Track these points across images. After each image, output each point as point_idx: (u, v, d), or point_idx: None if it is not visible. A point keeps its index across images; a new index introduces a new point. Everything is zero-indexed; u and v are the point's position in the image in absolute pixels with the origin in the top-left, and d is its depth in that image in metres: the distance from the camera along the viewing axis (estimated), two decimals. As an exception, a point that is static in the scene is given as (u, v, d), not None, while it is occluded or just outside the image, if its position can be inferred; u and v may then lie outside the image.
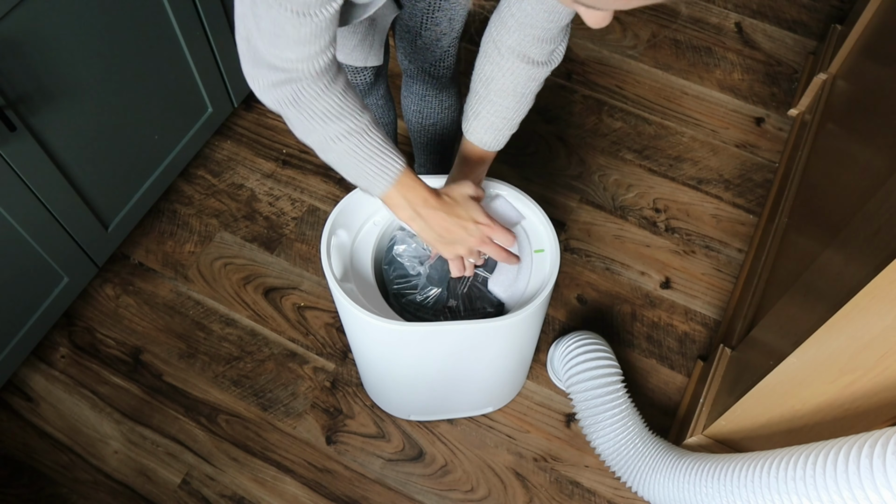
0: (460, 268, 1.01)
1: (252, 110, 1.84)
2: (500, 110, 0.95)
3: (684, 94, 1.91)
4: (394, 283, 1.10)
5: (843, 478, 0.76)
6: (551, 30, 0.87)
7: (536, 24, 0.85)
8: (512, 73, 0.90)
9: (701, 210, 1.72)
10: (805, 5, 2.10)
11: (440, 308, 1.09)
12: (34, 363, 1.48)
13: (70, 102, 1.26)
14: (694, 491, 1.04)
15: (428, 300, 1.09)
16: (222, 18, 1.52)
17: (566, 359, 1.34)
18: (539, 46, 0.88)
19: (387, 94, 1.31)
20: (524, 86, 0.92)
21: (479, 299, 1.10)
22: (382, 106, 1.31)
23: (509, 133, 0.99)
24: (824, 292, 0.94)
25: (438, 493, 1.37)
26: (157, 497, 1.36)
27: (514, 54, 0.88)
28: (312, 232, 1.66)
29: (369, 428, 1.43)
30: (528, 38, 0.87)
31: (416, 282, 1.09)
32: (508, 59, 0.89)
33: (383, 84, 1.28)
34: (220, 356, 1.50)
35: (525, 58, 0.89)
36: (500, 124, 0.97)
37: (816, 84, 1.77)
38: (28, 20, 1.11)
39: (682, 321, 1.56)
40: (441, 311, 1.09)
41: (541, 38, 0.87)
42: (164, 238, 1.64)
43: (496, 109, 0.95)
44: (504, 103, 0.94)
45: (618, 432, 1.24)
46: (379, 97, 1.29)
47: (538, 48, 0.88)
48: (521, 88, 0.93)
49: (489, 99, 0.94)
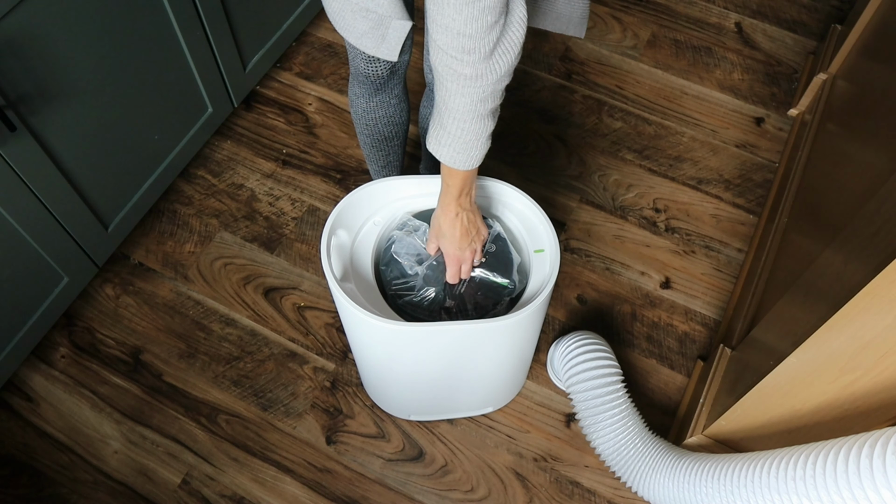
0: (457, 274, 1.05)
1: (252, 110, 1.84)
2: (461, 134, 0.91)
3: (684, 94, 1.91)
4: (392, 283, 1.10)
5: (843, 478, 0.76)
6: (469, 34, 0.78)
7: (451, 28, 0.78)
8: (460, 95, 0.85)
9: (701, 210, 1.72)
10: (805, 5, 2.10)
11: (437, 308, 1.09)
12: (34, 363, 1.48)
13: (70, 102, 1.26)
14: (694, 491, 1.04)
15: (425, 301, 1.09)
16: (222, 18, 1.52)
17: (566, 359, 1.34)
18: (466, 58, 0.81)
19: (401, 95, 1.30)
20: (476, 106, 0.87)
21: (476, 300, 1.10)
22: (395, 105, 1.30)
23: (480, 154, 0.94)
24: (824, 292, 0.94)
25: (438, 493, 1.37)
26: (157, 497, 1.36)
27: (452, 74, 0.83)
28: (312, 232, 1.66)
29: (369, 428, 1.43)
30: (453, 51, 0.80)
31: (414, 283, 1.09)
32: (449, 81, 0.84)
33: (399, 84, 1.27)
34: (220, 356, 1.50)
35: (460, 75, 0.83)
36: (464, 146, 0.93)
37: (816, 84, 1.77)
38: (28, 20, 1.11)
39: (682, 321, 1.56)
40: (438, 312, 1.09)
41: (465, 49, 0.80)
42: (164, 238, 1.64)
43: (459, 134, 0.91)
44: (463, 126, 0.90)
45: (618, 432, 1.24)
46: (392, 96, 1.27)
47: (466, 60, 0.81)
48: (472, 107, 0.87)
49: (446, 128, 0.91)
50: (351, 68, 1.23)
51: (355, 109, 1.31)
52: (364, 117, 1.31)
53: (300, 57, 1.93)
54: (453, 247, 1.05)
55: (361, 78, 1.22)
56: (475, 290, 1.10)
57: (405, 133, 1.41)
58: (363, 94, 1.26)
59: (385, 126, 1.32)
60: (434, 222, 1.06)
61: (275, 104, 1.86)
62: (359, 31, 1.06)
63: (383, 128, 1.33)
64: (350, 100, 1.31)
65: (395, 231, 1.13)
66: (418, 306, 1.09)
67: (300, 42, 1.96)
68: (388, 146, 1.39)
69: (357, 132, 1.37)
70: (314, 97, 1.87)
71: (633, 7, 2.08)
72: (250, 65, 1.72)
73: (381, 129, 1.33)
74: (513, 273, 1.10)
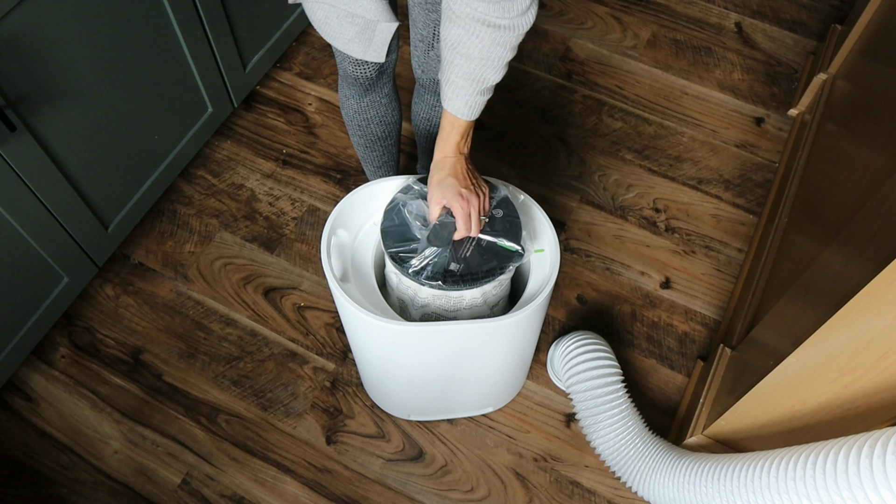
0: (468, 222, 1.00)
1: (252, 110, 1.84)
2: (467, 73, 0.92)
3: (684, 94, 1.91)
4: (392, 246, 1.03)
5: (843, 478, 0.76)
6: None
7: None
8: (476, 37, 0.88)
9: (701, 210, 1.72)
10: (805, 5, 2.10)
11: (440, 272, 1.02)
12: (34, 363, 1.48)
13: (70, 102, 1.26)
14: (694, 491, 1.04)
15: (427, 265, 1.02)
16: (222, 18, 1.52)
17: (566, 359, 1.34)
18: (497, 6, 0.84)
19: (391, 94, 1.31)
20: (489, 50, 0.89)
21: (482, 263, 1.03)
22: (386, 105, 1.31)
23: (481, 98, 0.96)
24: (824, 292, 0.94)
25: (438, 493, 1.37)
26: (157, 497, 1.36)
27: (473, 18, 0.86)
28: (312, 232, 1.66)
29: (369, 428, 1.43)
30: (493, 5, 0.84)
31: (416, 246, 1.03)
32: (468, 23, 0.87)
33: (388, 83, 1.27)
34: (220, 356, 1.50)
35: (485, 21, 0.86)
36: (469, 88, 0.94)
37: (816, 84, 1.77)
38: (28, 20, 1.11)
39: (682, 321, 1.56)
40: (442, 276, 1.02)
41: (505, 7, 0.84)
42: (164, 238, 1.64)
43: (463, 73, 0.92)
44: (470, 66, 0.91)
45: (618, 432, 1.24)
46: (383, 95, 1.28)
47: (496, 9, 0.84)
48: (487, 53, 0.89)
49: (455, 63, 0.92)
50: (339, 71, 1.23)
51: (346, 111, 1.31)
52: (356, 118, 1.31)
53: (300, 57, 1.93)
54: (457, 189, 1.00)
55: (350, 80, 1.22)
56: (482, 254, 1.03)
57: (398, 132, 1.41)
58: (353, 95, 1.26)
59: (377, 126, 1.33)
60: (434, 172, 1.02)
61: (275, 104, 1.86)
62: (346, 36, 1.06)
63: (376, 128, 1.33)
64: (341, 102, 1.31)
65: (397, 194, 1.08)
66: (420, 269, 1.01)
67: (300, 42, 1.96)
68: (381, 146, 1.39)
69: (350, 134, 1.37)
70: (314, 97, 1.87)
71: (633, 7, 2.08)
72: (250, 65, 1.72)
73: (373, 130, 1.33)
74: (521, 238, 1.05)
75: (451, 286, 1.01)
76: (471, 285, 1.01)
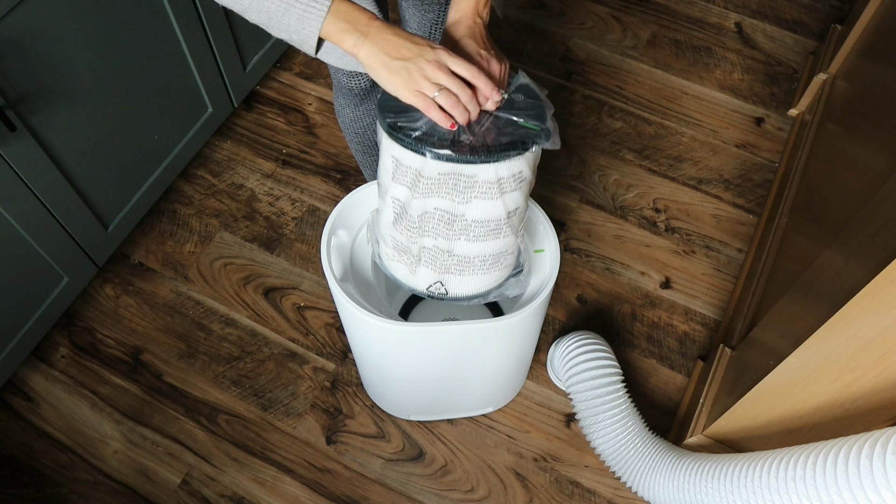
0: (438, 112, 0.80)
1: (252, 110, 1.84)
2: None
3: (684, 94, 1.91)
4: (389, 117, 0.86)
5: (843, 478, 0.76)
6: None
7: None
8: None
9: (701, 210, 1.72)
10: (805, 5, 2.10)
11: (448, 140, 0.85)
12: (34, 363, 1.48)
13: (70, 102, 1.26)
14: (694, 491, 1.04)
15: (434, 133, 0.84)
16: (222, 18, 1.52)
17: (566, 359, 1.34)
18: None
19: None
20: None
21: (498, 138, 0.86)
22: None
23: None
24: (824, 292, 0.94)
25: (438, 493, 1.37)
26: (157, 497, 1.36)
27: None
28: (312, 232, 1.66)
29: (369, 428, 1.43)
30: None
31: (419, 115, 0.85)
32: None
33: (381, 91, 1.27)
34: (220, 356, 1.50)
35: None
36: None
37: (816, 84, 1.77)
38: (28, 20, 1.11)
39: (682, 321, 1.56)
40: (447, 143, 0.84)
41: None
42: (164, 238, 1.64)
43: None
44: None
45: (618, 432, 1.24)
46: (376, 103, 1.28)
47: None
48: None
49: None
50: (333, 81, 1.23)
51: (343, 120, 1.30)
52: (352, 126, 1.30)
53: (300, 57, 1.93)
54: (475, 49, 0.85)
55: (345, 90, 1.21)
56: (499, 130, 0.86)
57: None
58: (348, 104, 1.25)
59: (375, 133, 1.32)
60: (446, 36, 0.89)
61: (275, 104, 1.86)
62: (337, 53, 1.05)
63: (373, 134, 1.32)
64: (336, 111, 1.30)
65: None
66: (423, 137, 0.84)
67: (300, 42, 1.96)
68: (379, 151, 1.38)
69: (347, 140, 1.37)
70: (314, 97, 1.87)
71: (633, 7, 2.08)
72: (250, 65, 1.72)
73: (370, 136, 1.33)
74: (547, 121, 0.89)
75: (461, 156, 0.83)
76: (486, 158, 0.83)
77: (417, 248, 0.94)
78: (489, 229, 0.91)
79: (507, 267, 1.01)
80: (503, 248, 0.96)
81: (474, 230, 0.91)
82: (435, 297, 1.00)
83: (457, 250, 0.93)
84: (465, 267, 0.96)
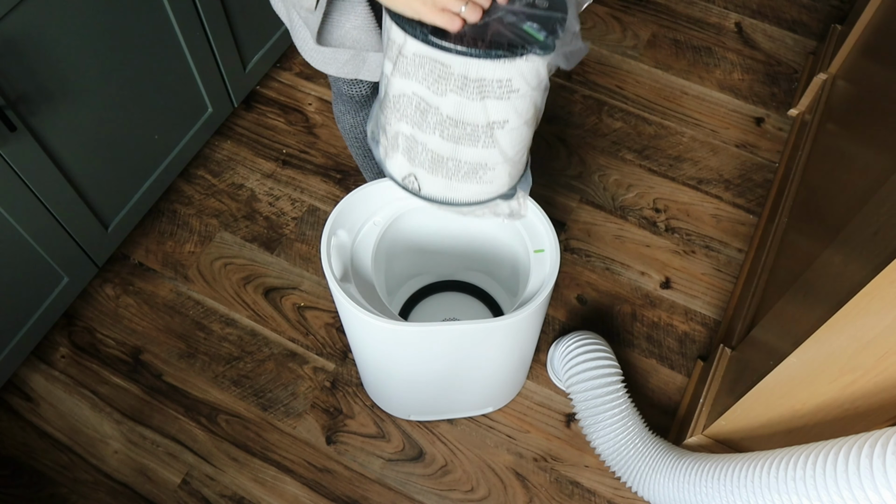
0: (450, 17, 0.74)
1: (252, 110, 1.84)
2: None
3: (684, 94, 1.91)
4: None
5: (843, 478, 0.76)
6: None
7: None
8: None
9: (701, 210, 1.72)
10: (805, 5, 2.10)
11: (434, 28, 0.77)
12: (34, 363, 1.48)
13: (70, 102, 1.26)
14: (694, 491, 1.04)
15: None
16: (222, 18, 1.52)
17: (566, 359, 1.34)
18: None
19: None
20: None
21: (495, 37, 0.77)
22: None
23: None
24: (824, 292, 0.94)
25: (438, 493, 1.37)
26: (157, 497, 1.36)
27: None
28: (312, 232, 1.66)
29: (369, 428, 1.43)
30: None
31: None
32: None
33: None
34: (220, 356, 1.50)
35: None
36: None
37: (816, 84, 1.77)
38: (28, 20, 1.11)
39: (682, 321, 1.56)
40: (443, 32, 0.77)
41: None
42: (164, 238, 1.64)
43: None
44: None
45: (618, 432, 1.24)
46: None
47: None
48: None
49: None
50: (333, 89, 1.22)
51: (342, 126, 1.30)
52: (352, 132, 1.30)
53: (300, 57, 1.93)
54: None
55: (345, 98, 1.21)
56: (500, 27, 0.78)
57: None
58: (348, 111, 1.25)
59: None
60: None
61: (275, 104, 1.86)
62: (339, 62, 1.04)
63: None
64: (336, 117, 1.30)
65: None
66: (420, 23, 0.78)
67: (300, 42, 1.96)
68: None
69: (347, 145, 1.37)
70: (314, 97, 1.87)
71: (633, 7, 2.08)
72: (250, 65, 1.72)
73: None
74: (558, 32, 0.78)
75: (433, 41, 0.76)
76: (461, 51, 0.76)
77: (394, 132, 0.90)
78: (465, 132, 0.85)
79: (488, 182, 0.95)
80: (482, 160, 0.90)
81: (449, 129, 0.85)
82: (409, 190, 0.96)
83: (430, 145, 0.88)
84: (438, 166, 0.91)
